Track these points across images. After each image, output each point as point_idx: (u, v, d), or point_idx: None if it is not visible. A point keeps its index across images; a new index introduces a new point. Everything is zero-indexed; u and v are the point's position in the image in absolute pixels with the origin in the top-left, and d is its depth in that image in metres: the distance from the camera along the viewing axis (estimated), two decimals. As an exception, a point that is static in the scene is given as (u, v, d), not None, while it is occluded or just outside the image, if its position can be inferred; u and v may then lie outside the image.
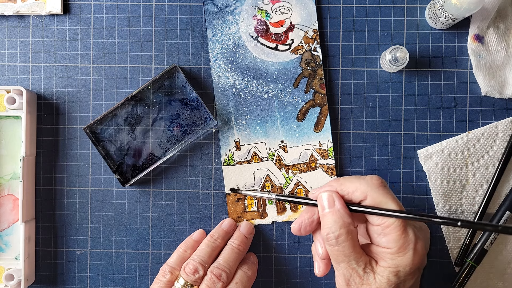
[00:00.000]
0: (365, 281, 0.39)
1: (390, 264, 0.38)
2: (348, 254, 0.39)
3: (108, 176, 0.51)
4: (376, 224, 0.39)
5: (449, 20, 0.47)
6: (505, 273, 0.50)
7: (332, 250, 0.40)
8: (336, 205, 0.40)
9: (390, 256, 0.39)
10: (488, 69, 0.49)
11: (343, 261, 0.39)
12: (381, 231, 0.39)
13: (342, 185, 0.41)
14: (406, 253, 0.38)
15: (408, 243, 0.38)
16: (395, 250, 0.38)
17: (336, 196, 0.40)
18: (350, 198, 0.41)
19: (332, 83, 0.51)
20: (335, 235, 0.39)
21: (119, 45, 0.51)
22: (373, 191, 0.39)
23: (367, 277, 0.39)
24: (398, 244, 0.38)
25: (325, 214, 0.40)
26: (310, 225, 0.43)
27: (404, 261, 0.38)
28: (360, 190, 0.40)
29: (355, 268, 0.39)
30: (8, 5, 0.50)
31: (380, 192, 0.39)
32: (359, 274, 0.39)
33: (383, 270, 0.39)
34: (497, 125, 0.50)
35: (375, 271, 0.39)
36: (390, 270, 0.38)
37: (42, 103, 0.51)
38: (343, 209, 0.40)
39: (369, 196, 0.39)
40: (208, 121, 0.49)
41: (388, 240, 0.38)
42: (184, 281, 0.45)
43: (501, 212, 0.49)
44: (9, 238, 0.51)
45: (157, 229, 0.51)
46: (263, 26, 0.50)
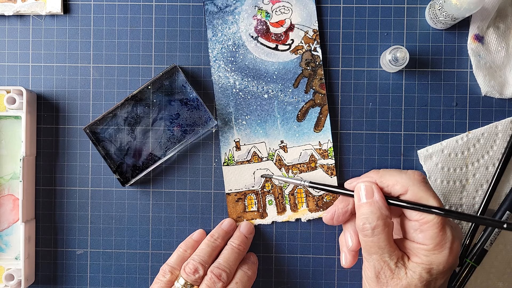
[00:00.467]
0: (395, 275, 0.39)
1: (424, 260, 0.38)
2: (383, 247, 0.39)
3: (108, 176, 0.51)
4: (413, 219, 0.39)
5: (449, 20, 0.47)
6: (505, 273, 0.50)
7: (366, 241, 0.39)
8: (375, 196, 0.40)
9: (425, 252, 0.38)
10: (488, 69, 0.49)
11: (376, 253, 0.39)
12: (418, 227, 0.39)
13: (382, 177, 0.41)
14: (442, 251, 0.38)
15: (445, 241, 0.38)
16: (431, 247, 0.38)
17: (375, 187, 0.40)
18: (389, 191, 0.40)
19: (332, 83, 0.51)
20: (372, 226, 0.39)
21: (119, 45, 0.51)
22: (414, 185, 0.39)
23: (398, 271, 0.39)
24: (435, 241, 0.38)
25: (362, 204, 0.40)
26: (343, 215, 0.43)
27: (439, 259, 0.38)
28: (401, 184, 0.40)
29: (387, 262, 0.39)
30: (8, 5, 0.50)
31: (421, 187, 0.39)
32: (391, 267, 0.39)
33: (415, 266, 0.38)
34: (497, 125, 0.50)
35: (406, 266, 0.39)
36: (423, 266, 0.38)
37: (42, 103, 0.51)
38: (381, 201, 0.40)
39: (410, 190, 0.39)
40: (208, 121, 0.49)
41: (425, 236, 0.38)
42: (184, 281, 0.45)
43: (501, 212, 0.49)
44: (9, 238, 0.51)
45: (157, 229, 0.51)
46: (263, 26, 0.50)
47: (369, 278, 0.40)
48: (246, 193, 0.51)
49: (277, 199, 0.51)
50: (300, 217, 0.50)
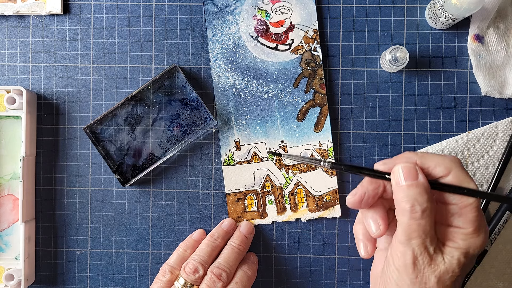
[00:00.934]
0: (433, 261, 0.37)
1: (461, 245, 0.37)
2: (427, 231, 0.37)
3: (108, 176, 0.51)
4: (452, 203, 0.38)
5: (449, 20, 0.47)
6: (505, 273, 0.50)
7: (411, 224, 0.37)
8: (420, 177, 0.38)
9: (464, 236, 0.37)
10: (488, 69, 0.49)
11: (418, 237, 0.37)
12: (457, 211, 0.38)
13: (423, 158, 0.39)
14: (480, 234, 0.37)
15: (483, 225, 0.38)
16: (470, 230, 0.37)
17: (419, 168, 0.38)
18: (429, 173, 0.39)
19: (332, 83, 0.51)
20: (422, 208, 0.37)
21: (119, 45, 0.51)
22: (457, 168, 0.38)
23: (436, 257, 0.38)
24: (474, 225, 0.37)
25: (406, 186, 0.38)
26: (373, 198, 0.41)
27: (476, 243, 0.37)
28: (444, 166, 0.38)
29: (428, 247, 0.37)
30: (8, 5, 0.50)
31: (463, 170, 0.38)
32: (430, 253, 0.38)
33: (453, 251, 0.37)
34: (497, 125, 0.50)
35: (443, 251, 0.38)
36: (461, 251, 0.37)
37: (42, 103, 0.51)
38: (427, 182, 0.38)
39: (453, 172, 0.38)
40: (208, 121, 0.49)
41: (465, 220, 0.37)
42: (184, 281, 0.45)
43: (501, 212, 0.49)
44: (9, 238, 0.51)
45: (157, 229, 0.51)
46: (263, 26, 0.50)
47: (402, 265, 0.38)
48: (246, 193, 0.51)
49: (277, 199, 0.51)
50: (300, 217, 0.50)
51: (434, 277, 0.37)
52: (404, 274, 0.38)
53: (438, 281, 0.37)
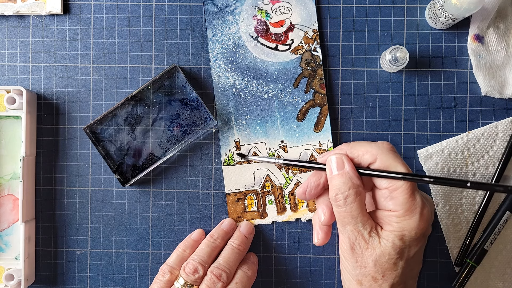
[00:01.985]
0: (370, 245, 0.39)
1: (395, 227, 0.39)
2: (355, 216, 0.39)
3: (108, 176, 0.51)
4: (383, 188, 0.40)
5: (449, 20, 0.47)
6: (505, 273, 0.50)
7: (339, 212, 0.40)
8: (346, 167, 0.40)
9: (396, 219, 0.39)
10: (488, 69, 0.49)
11: (349, 223, 0.39)
12: (388, 195, 0.39)
13: (352, 148, 0.41)
14: (413, 216, 0.38)
15: (415, 206, 0.38)
16: (401, 213, 0.38)
17: (345, 159, 0.41)
18: (359, 161, 0.41)
19: (332, 83, 0.51)
20: (344, 195, 0.39)
21: (119, 45, 0.51)
22: (383, 154, 0.40)
23: (372, 241, 0.39)
24: (405, 206, 0.38)
25: (334, 176, 0.40)
26: (315, 189, 0.43)
27: (410, 225, 0.38)
28: (370, 153, 0.40)
29: (361, 231, 0.39)
30: (8, 5, 0.50)
31: (390, 155, 0.40)
32: (365, 237, 0.39)
33: (388, 234, 0.39)
34: (497, 125, 0.50)
35: (380, 235, 0.39)
36: (396, 233, 0.38)
37: (42, 103, 0.51)
38: (352, 171, 0.40)
39: (379, 158, 0.40)
40: (208, 121, 0.49)
41: (395, 203, 0.39)
42: (184, 281, 0.45)
43: (501, 212, 0.49)
44: (9, 238, 0.51)
45: (157, 229, 0.51)
46: (263, 26, 0.50)
47: (345, 250, 0.40)
48: (246, 193, 0.51)
49: (277, 199, 0.51)
50: (300, 217, 0.50)
51: (372, 261, 0.39)
52: (348, 259, 0.40)
53: (375, 264, 0.39)
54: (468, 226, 0.50)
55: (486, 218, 0.49)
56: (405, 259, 0.39)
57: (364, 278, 0.40)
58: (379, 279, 0.39)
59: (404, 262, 0.39)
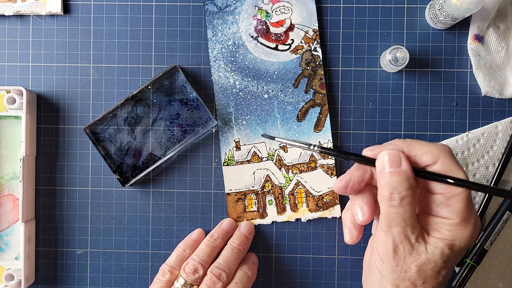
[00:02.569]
0: (415, 250, 0.37)
1: (446, 236, 0.36)
2: (407, 219, 0.36)
3: (108, 176, 0.51)
4: (439, 193, 0.37)
5: (449, 20, 0.47)
6: (505, 273, 0.50)
7: (390, 212, 0.37)
8: (403, 165, 0.37)
9: (450, 227, 0.36)
10: (488, 69, 0.49)
11: (398, 225, 0.37)
12: (443, 201, 0.37)
13: (410, 146, 0.38)
14: (468, 227, 0.36)
15: (471, 217, 0.36)
16: (457, 221, 0.36)
17: (403, 155, 0.37)
18: (416, 161, 0.38)
19: (332, 83, 0.51)
20: (401, 196, 0.36)
21: (119, 45, 0.51)
22: (445, 157, 0.37)
23: (418, 246, 0.37)
24: (462, 216, 0.36)
25: (388, 173, 0.37)
26: (359, 184, 0.40)
27: (463, 235, 0.36)
28: (431, 154, 0.37)
29: (408, 235, 0.37)
30: (8, 5, 0.50)
31: (452, 159, 0.37)
32: (411, 242, 0.37)
33: (437, 242, 0.37)
34: (497, 125, 0.50)
35: (426, 241, 0.37)
36: (446, 242, 0.36)
37: (42, 103, 0.51)
38: (411, 170, 0.37)
39: (440, 161, 0.37)
40: (208, 121, 0.49)
41: (451, 210, 0.36)
42: (184, 281, 0.45)
43: (501, 212, 0.49)
44: (9, 238, 0.51)
45: (157, 229, 0.51)
46: (263, 26, 0.50)
47: (384, 253, 0.38)
48: (246, 193, 0.51)
49: (277, 199, 0.51)
50: (300, 217, 0.50)
51: (415, 266, 0.37)
52: (386, 262, 0.38)
53: (418, 270, 0.37)
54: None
55: (486, 218, 0.49)
56: (449, 269, 0.37)
57: (402, 283, 0.37)
58: (419, 286, 0.37)
59: (447, 272, 0.37)
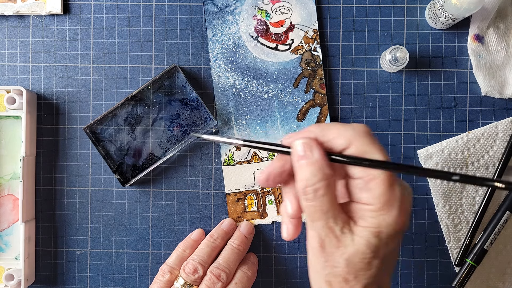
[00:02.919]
0: (342, 243, 0.34)
1: (370, 223, 0.33)
2: (326, 211, 0.34)
3: (108, 176, 0.51)
4: (358, 177, 0.34)
5: (449, 20, 0.47)
6: (505, 273, 0.50)
7: (308, 206, 0.34)
8: (314, 154, 0.34)
9: (372, 214, 0.33)
10: (488, 69, 0.49)
11: (319, 219, 0.34)
12: (363, 185, 0.34)
13: (323, 131, 0.35)
14: (391, 211, 0.33)
15: (394, 200, 0.33)
16: (378, 207, 0.33)
17: (314, 144, 0.34)
18: (331, 146, 0.35)
19: (332, 83, 0.51)
20: (314, 188, 0.34)
21: (119, 45, 0.51)
22: (359, 138, 0.34)
23: (344, 238, 0.34)
24: (382, 200, 0.33)
25: (301, 165, 0.34)
26: (279, 176, 0.36)
27: (387, 220, 0.33)
28: (344, 136, 0.34)
29: (332, 227, 0.34)
30: (8, 5, 0.50)
31: (366, 140, 0.34)
32: (336, 234, 0.34)
33: (362, 231, 0.33)
34: (497, 125, 0.50)
35: (353, 231, 0.34)
36: (371, 230, 0.33)
37: (42, 103, 0.51)
38: (322, 159, 0.34)
39: (354, 144, 0.34)
40: (208, 121, 0.49)
41: (371, 195, 0.33)
42: (183, 281, 0.45)
43: (501, 212, 0.49)
44: (9, 238, 0.51)
45: (157, 229, 0.51)
46: (263, 26, 0.50)
47: (314, 248, 0.35)
48: (246, 193, 0.51)
49: (277, 199, 0.50)
50: (300, 217, 0.50)
51: (343, 260, 0.34)
52: (317, 258, 0.35)
53: (347, 264, 0.34)
54: (468, 226, 0.50)
55: (486, 218, 0.49)
56: (381, 258, 0.34)
57: (334, 279, 0.34)
58: (351, 280, 0.34)
59: (379, 261, 0.34)
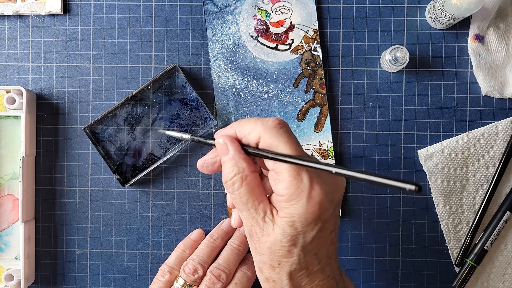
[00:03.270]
0: (265, 231, 0.36)
1: (285, 213, 0.35)
2: (245, 202, 0.36)
3: (108, 176, 0.51)
4: (271, 169, 0.36)
5: (449, 20, 0.47)
6: (505, 273, 0.50)
7: (233, 198, 0.37)
8: (230, 150, 0.37)
9: (285, 204, 0.35)
10: (489, 69, 0.49)
11: (243, 209, 0.36)
12: (276, 177, 0.35)
13: (240, 126, 0.37)
14: (299, 201, 0.34)
15: (301, 190, 0.34)
16: (287, 197, 0.34)
17: (229, 140, 0.37)
18: (247, 140, 0.37)
19: (332, 83, 0.51)
20: (232, 182, 0.36)
21: (119, 45, 0.51)
22: (266, 132, 0.36)
23: (266, 227, 0.36)
24: (290, 191, 0.34)
25: (223, 160, 0.37)
26: (212, 165, 0.40)
27: (297, 210, 0.34)
28: (255, 131, 0.36)
29: (255, 217, 0.36)
30: (8, 5, 0.50)
31: (273, 133, 0.36)
32: (259, 223, 0.36)
33: (279, 220, 0.35)
34: (497, 125, 0.50)
35: (274, 221, 0.36)
36: (286, 220, 0.35)
37: (42, 103, 0.51)
38: (237, 153, 0.36)
39: (262, 137, 0.36)
40: (208, 121, 0.49)
41: (281, 187, 0.35)
42: (183, 281, 0.45)
43: (501, 212, 0.49)
44: (9, 238, 0.51)
45: (157, 229, 0.51)
46: (263, 26, 0.50)
47: (247, 236, 0.38)
48: (246, 193, 0.51)
49: (277, 199, 0.50)
50: (300, 217, 0.50)
51: (267, 248, 0.36)
52: (250, 245, 0.38)
53: (270, 251, 0.36)
54: (468, 226, 0.50)
55: (486, 218, 0.49)
56: (301, 246, 0.35)
57: (263, 266, 0.37)
58: (276, 267, 0.36)
59: (300, 249, 0.35)
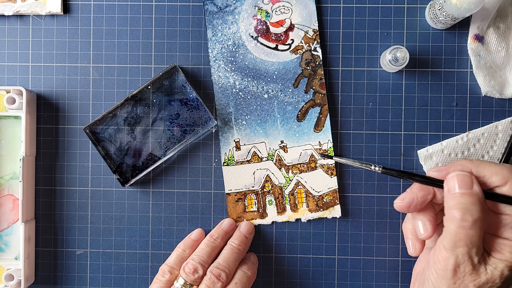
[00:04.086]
0: (475, 271, 0.37)
1: (508, 257, 0.37)
2: (475, 241, 0.37)
3: (108, 176, 0.51)
4: (506, 214, 0.38)
5: (449, 20, 0.47)
6: (505, 273, 0.50)
7: (459, 233, 0.37)
8: (475, 187, 0.38)
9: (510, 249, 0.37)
10: (488, 69, 0.49)
11: (464, 246, 0.37)
12: (509, 222, 0.37)
13: (478, 167, 0.39)
14: None
15: None
16: None
17: (474, 178, 0.38)
18: (484, 182, 0.39)
19: (332, 83, 0.51)
20: (474, 218, 0.37)
21: (119, 45, 0.51)
22: None
23: (478, 267, 0.37)
24: None
25: (457, 194, 0.38)
26: (421, 204, 0.41)
27: None
28: (501, 175, 0.38)
29: (472, 257, 0.37)
30: (8, 5, 0.50)
31: None
32: (474, 263, 0.37)
33: (497, 262, 0.37)
34: (497, 125, 0.50)
35: (486, 262, 0.37)
36: (507, 264, 0.37)
37: (42, 103, 0.51)
38: (482, 192, 0.38)
39: (510, 183, 0.37)
40: (208, 121, 0.49)
41: None
42: (183, 281, 0.45)
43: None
44: (9, 238, 0.51)
45: (157, 229, 0.51)
46: (263, 26, 0.50)
47: (442, 269, 0.38)
48: (246, 193, 0.51)
49: (277, 199, 0.50)
50: (300, 217, 0.50)
51: (473, 286, 0.37)
52: (443, 278, 0.38)
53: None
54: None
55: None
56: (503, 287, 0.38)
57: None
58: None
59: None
